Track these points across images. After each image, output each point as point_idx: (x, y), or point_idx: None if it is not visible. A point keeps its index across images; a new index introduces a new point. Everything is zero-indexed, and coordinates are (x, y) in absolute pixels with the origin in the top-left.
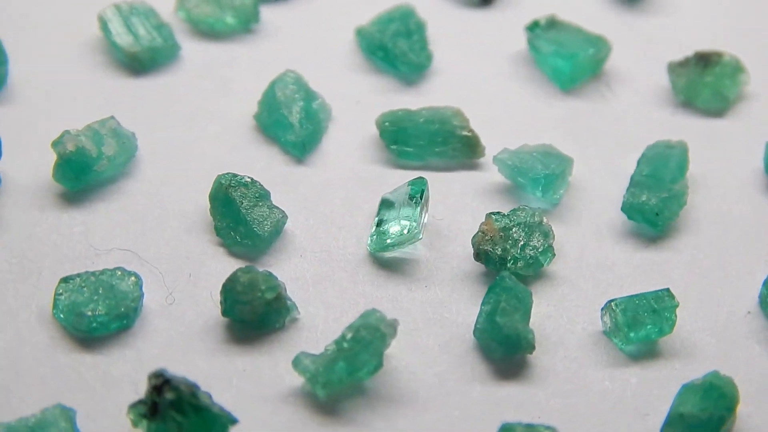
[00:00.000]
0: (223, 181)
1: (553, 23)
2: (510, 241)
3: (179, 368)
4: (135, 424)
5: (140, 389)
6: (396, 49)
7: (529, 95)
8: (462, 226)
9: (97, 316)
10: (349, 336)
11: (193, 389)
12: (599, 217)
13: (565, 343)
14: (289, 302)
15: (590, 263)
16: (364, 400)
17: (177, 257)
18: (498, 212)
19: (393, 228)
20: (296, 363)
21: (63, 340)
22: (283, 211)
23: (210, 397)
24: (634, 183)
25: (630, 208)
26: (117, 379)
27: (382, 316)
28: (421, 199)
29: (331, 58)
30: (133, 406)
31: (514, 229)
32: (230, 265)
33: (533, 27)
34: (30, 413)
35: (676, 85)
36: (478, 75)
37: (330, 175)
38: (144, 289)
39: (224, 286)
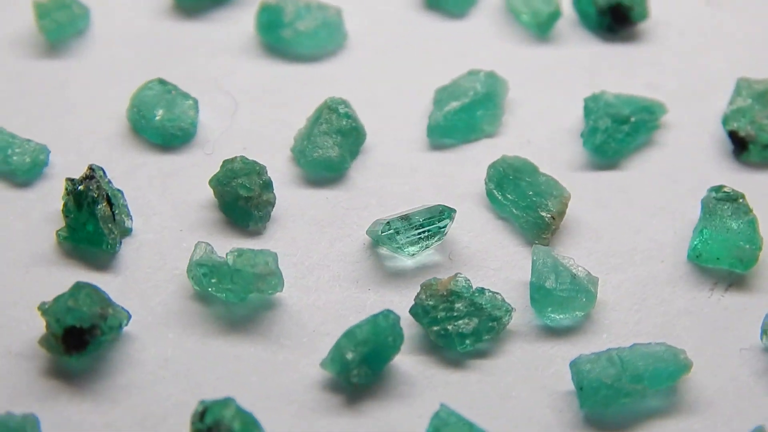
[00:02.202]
0: (329, 101)
1: (733, 199)
2: (446, 305)
3: (146, 195)
4: (63, 195)
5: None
6: (594, 123)
7: (656, 241)
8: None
9: (141, 117)
10: (230, 259)
11: (100, 200)
12: (560, 360)
13: (390, 417)
14: (258, 213)
15: (493, 389)
16: (222, 315)
17: (255, 133)
18: (468, 280)
19: (390, 226)
20: (195, 247)
21: (120, 117)
22: (346, 159)
23: (129, 221)
24: (605, 358)
25: (577, 373)
26: (112, 165)
27: (273, 271)
28: (421, 220)
29: (571, 99)
30: (68, 180)
31: (462, 301)
32: (277, 162)
33: (714, 189)
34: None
35: None
36: (641, 196)
37: (427, 166)
38: (202, 131)
39: (224, 161)
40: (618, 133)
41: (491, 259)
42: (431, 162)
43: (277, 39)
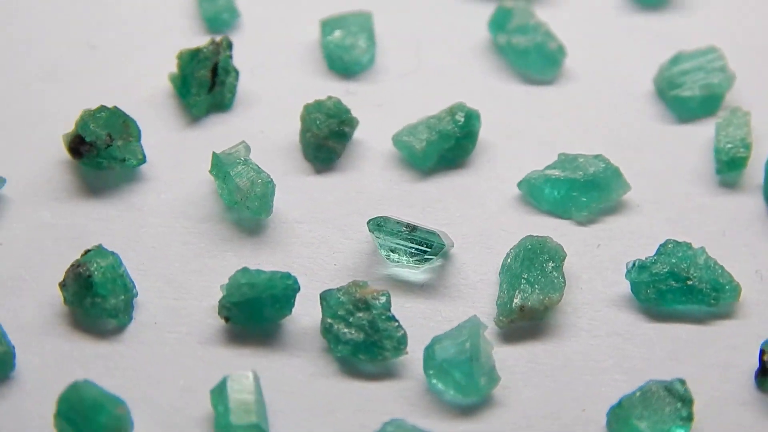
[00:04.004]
0: (457, 104)
1: (682, 399)
2: (350, 308)
3: (266, 94)
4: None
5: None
6: (650, 263)
7: (598, 394)
8: (429, 306)
9: (323, 33)
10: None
11: (207, 65)
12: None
13: (216, 363)
14: (317, 154)
15: (323, 398)
16: (216, 207)
17: (403, 102)
18: (389, 303)
19: (382, 221)
20: (238, 144)
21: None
22: (430, 159)
23: (229, 98)
24: None
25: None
26: (272, 61)
27: (255, 192)
28: (417, 235)
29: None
30: (211, 39)
31: (366, 314)
32: (391, 133)
33: (677, 380)
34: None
35: None
36: (634, 351)
37: (492, 211)
38: (369, 74)
39: (328, 96)
40: (663, 284)
41: (450, 310)
42: (501, 210)
43: (495, 41)
